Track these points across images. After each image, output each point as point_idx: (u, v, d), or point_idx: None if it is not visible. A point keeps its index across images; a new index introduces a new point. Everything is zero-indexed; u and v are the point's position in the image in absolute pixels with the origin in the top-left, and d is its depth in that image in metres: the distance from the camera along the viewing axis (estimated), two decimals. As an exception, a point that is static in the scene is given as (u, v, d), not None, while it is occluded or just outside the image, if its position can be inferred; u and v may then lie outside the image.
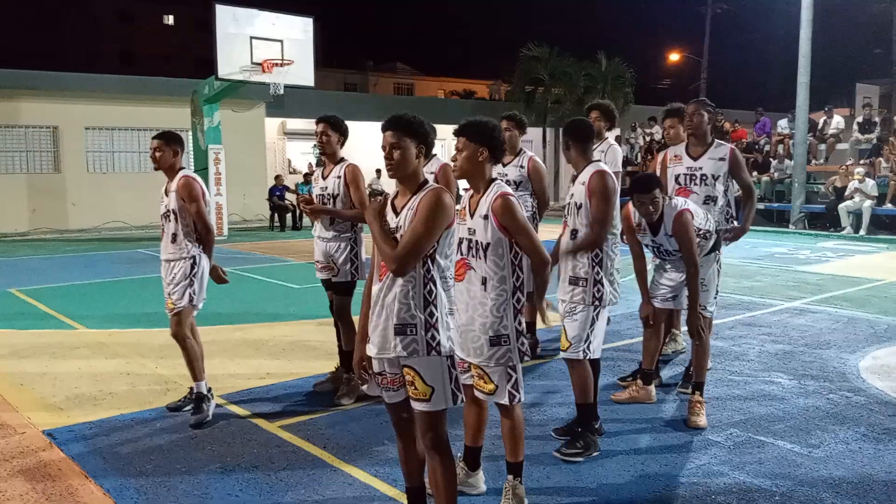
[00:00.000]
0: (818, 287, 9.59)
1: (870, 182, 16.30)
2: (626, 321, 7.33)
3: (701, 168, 5.02)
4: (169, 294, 4.78)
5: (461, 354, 3.25)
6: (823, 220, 17.31)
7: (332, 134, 5.08)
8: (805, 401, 5.10)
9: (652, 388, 5.07)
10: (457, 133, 3.31)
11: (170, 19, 53.71)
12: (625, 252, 4.56)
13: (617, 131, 22.47)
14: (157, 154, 4.81)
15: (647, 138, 22.74)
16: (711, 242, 4.78)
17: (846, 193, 16.49)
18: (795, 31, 17.73)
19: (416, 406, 2.97)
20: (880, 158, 17.34)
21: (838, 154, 19.09)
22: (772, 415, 4.83)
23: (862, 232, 15.92)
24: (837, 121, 20.02)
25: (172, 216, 4.77)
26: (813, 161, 18.94)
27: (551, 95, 26.98)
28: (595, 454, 4.14)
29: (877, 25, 32.93)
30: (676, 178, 5.12)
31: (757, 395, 5.24)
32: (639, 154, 22.60)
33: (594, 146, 5.64)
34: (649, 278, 4.96)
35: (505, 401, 3.36)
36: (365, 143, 23.58)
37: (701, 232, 4.66)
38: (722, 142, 5.17)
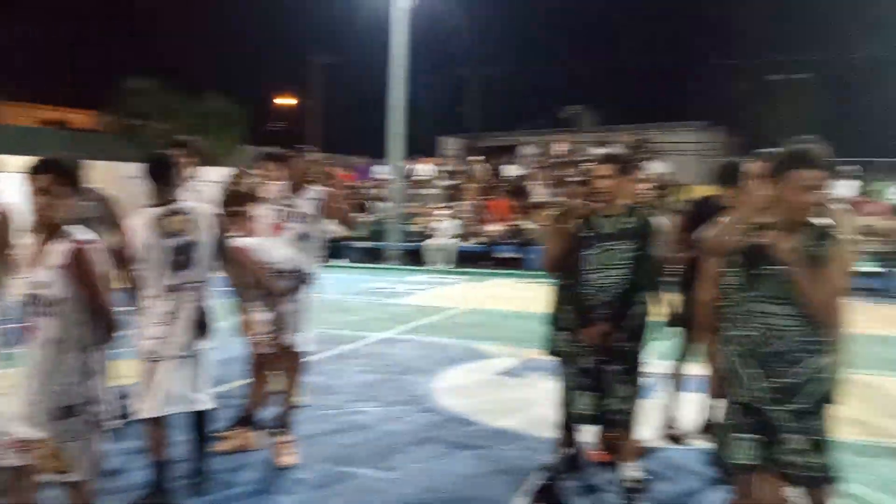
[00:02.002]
0: (407, 317, 10.50)
1: (452, 222, 18.61)
2: (220, 367, 7.11)
3: (298, 206, 5.04)
4: None
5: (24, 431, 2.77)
6: (416, 257, 19.21)
7: None
8: (388, 426, 5.45)
9: (256, 433, 4.94)
10: (44, 170, 2.92)
11: None
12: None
13: (225, 170, 21.88)
14: None
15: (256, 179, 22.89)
16: (293, 282, 4.77)
17: (433, 232, 18.57)
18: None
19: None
20: (460, 202, 19.93)
21: (427, 198, 21.46)
22: (357, 444, 5.06)
23: (447, 266, 18.01)
24: (425, 168, 22.64)
25: None
26: (406, 204, 20.99)
27: (158, 131, 25.64)
28: None
29: (458, 86, 38.09)
30: (272, 213, 5.14)
31: (346, 426, 5.45)
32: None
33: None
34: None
35: (82, 477, 2.96)
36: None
37: (281, 271, 4.66)
38: (315, 184, 5.29)
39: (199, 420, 4.15)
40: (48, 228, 2.95)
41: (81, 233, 2.98)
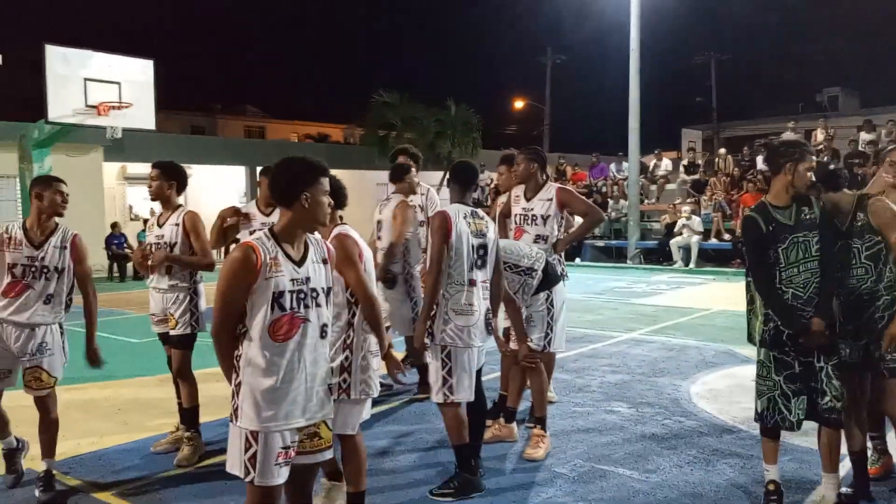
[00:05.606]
0: (653, 318, 10.22)
1: (696, 219, 17.74)
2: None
3: (532, 209, 5.22)
4: (37, 366, 4.49)
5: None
6: (657, 255, 18.59)
7: (160, 180, 4.90)
8: (642, 428, 5.38)
9: (514, 426, 5.16)
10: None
11: (-5, 58, 49.87)
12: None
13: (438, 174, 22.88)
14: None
15: (492, 181, 23.57)
16: (536, 281, 4.78)
17: (676, 230, 17.84)
18: (625, 81, 19.14)
19: (319, 457, 2.97)
20: (704, 197, 18.94)
21: (668, 194, 20.67)
22: (612, 443, 5.05)
23: (691, 265, 17.22)
24: (666, 163, 21.78)
25: (55, 274, 4.36)
26: (645, 201, 20.37)
27: (403, 140, 27.44)
28: (475, 495, 4.13)
29: (697, 76, 36.27)
30: (514, 217, 5.34)
31: (598, 424, 5.46)
32: (488, 196, 23.36)
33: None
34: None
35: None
36: (213, 186, 22.67)
37: (522, 269, 4.73)
38: (553, 183, 5.43)
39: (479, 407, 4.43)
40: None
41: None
